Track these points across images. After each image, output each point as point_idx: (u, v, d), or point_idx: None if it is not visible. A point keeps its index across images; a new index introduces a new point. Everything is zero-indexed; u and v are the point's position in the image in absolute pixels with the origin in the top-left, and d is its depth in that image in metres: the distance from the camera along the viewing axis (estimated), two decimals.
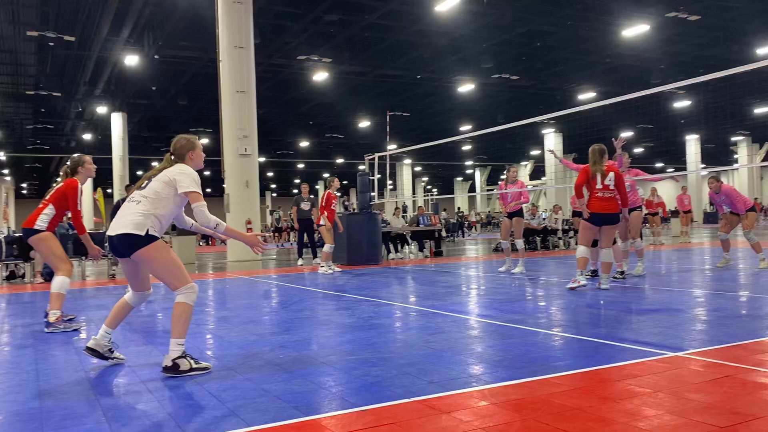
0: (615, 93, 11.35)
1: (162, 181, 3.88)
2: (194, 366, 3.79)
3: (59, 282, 5.69)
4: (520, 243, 10.60)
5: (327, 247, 11.48)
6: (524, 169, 50.10)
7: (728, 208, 10.18)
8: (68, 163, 6.09)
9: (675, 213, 24.40)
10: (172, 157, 4.05)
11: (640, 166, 56.49)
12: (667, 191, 38.87)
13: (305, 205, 13.94)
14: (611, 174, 7.53)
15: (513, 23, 19.60)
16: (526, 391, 3.17)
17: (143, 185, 3.95)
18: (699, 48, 22.56)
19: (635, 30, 19.58)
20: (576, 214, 10.33)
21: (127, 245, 3.79)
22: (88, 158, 6.09)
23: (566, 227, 18.67)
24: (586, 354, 4.01)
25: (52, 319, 5.64)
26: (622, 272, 8.75)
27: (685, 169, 42.69)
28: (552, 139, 39.39)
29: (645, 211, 17.11)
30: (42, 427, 2.84)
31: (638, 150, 48.40)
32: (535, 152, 46.18)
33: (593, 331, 4.81)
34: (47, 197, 5.94)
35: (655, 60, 23.84)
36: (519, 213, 10.53)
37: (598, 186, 7.49)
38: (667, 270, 10.30)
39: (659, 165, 56.21)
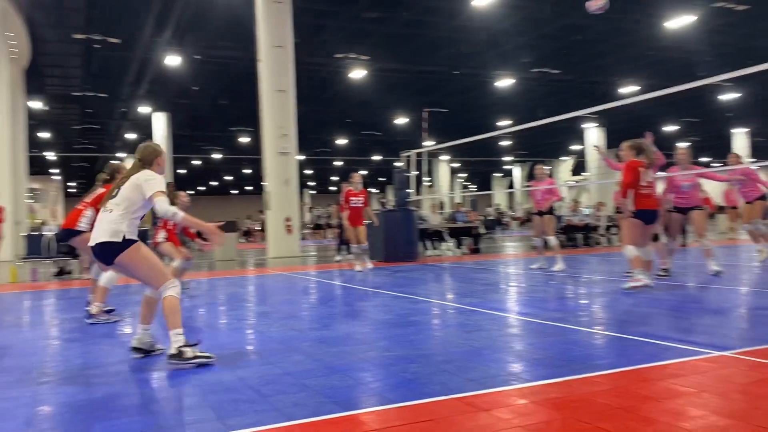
0: (659, 86, 11.07)
1: (131, 187, 4.15)
2: (198, 354, 3.97)
3: (107, 277, 5.88)
4: (553, 240, 10.41)
5: (355, 248, 10.90)
6: (565, 165, 49.34)
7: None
8: (107, 169, 6.30)
9: (721, 209, 23.70)
10: (140, 164, 4.30)
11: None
12: (713, 186, 37.77)
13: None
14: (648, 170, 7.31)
15: (552, 16, 19.30)
16: (567, 390, 3.13)
17: (114, 194, 4.20)
18: (747, 39, 21.85)
19: (680, 21, 19.06)
20: (620, 211, 10.02)
21: (108, 253, 4.07)
22: (124, 165, 6.30)
23: (609, 224, 18.33)
24: (628, 352, 3.93)
25: (93, 311, 5.87)
26: (666, 269, 8.54)
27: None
28: (594, 134, 38.66)
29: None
30: (90, 418, 2.93)
31: (683, 144, 47.15)
32: (576, 147, 45.43)
33: (636, 329, 4.72)
34: (88, 200, 6.21)
35: (701, 52, 23.16)
36: (550, 210, 10.43)
37: (643, 183, 7.25)
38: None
39: (705, 160, 54.72)
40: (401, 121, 34.31)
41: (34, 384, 3.65)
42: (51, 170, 51.51)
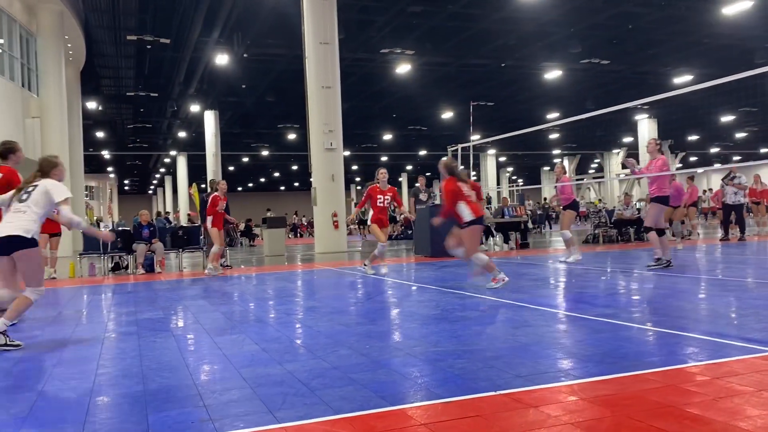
0: (714, 75, 10.72)
1: (41, 193, 4.80)
2: (8, 343, 4.64)
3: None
4: (566, 234, 10.80)
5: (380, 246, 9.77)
6: (617, 157, 48.22)
7: None
8: None
9: None
10: (39, 174, 4.96)
11: (743, 152, 52.86)
12: None
13: (423, 196, 14.16)
14: None
15: (603, 5, 18.88)
16: (618, 387, 3.07)
17: (23, 198, 4.79)
18: None
19: (736, 7, 18.37)
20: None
21: (13, 245, 4.62)
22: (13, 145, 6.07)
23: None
24: (682, 350, 3.83)
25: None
26: (659, 259, 8.91)
27: None
28: (646, 126, 37.65)
29: (746, 200, 16.02)
30: (145, 409, 3.02)
31: (741, 135, 45.51)
32: (627, 140, 44.35)
33: (691, 326, 4.59)
34: None
35: (759, 38, 22.28)
36: (572, 206, 10.88)
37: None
38: None
39: (764, 150, 52.64)
40: (447, 115, 34.13)
41: (93, 375, 3.78)
42: (106, 168, 53.17)
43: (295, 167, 54.87)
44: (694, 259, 10.82)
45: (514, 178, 67.95)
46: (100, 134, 36.68)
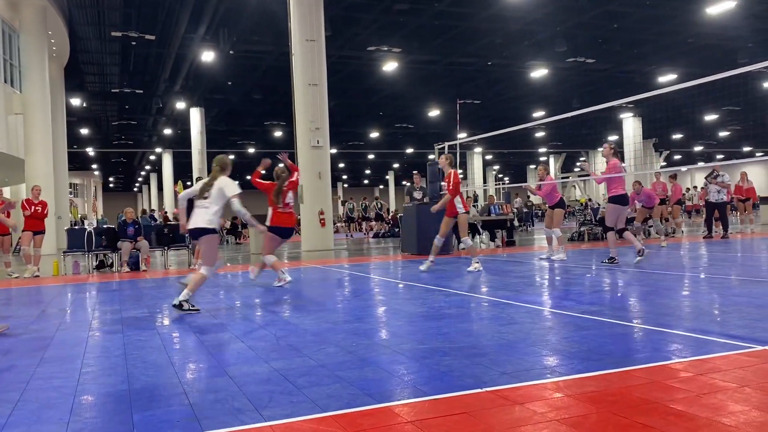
0: (698, 74, 10.81)
1: (218, 189, 6.11)
2: (190, 308, 5.84)
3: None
4: (557, 232, 11.07)
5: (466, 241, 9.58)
6: (601, 156, 48.53)
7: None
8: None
9: (765, 200, 23.06)
10: (219, 169, 6.27)
11: (726, 150, 53.38)
12: (757, 176, 36.68)
13: (417, 194, 14.08)
14: None
15: (588, 5, 18.97)
16: (603, 384, 3.09)
17: (206, 196, 6.11)
18: None
19: (720, 7, 18.54)
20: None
21: (200, 233, 6.05)
22: None
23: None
24: (666, 346, 3.86)
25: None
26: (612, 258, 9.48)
27: None
28: (631, 124, 37.94)
29: (728, 197, 16.20)
30: (130, 408, 3.00)
31: (724, 133, 45.98)
32: (612, 138, 44.65)
33: (674, 323, 4.63)
34: None
35: (743, 38, 22.52)
36: (559, 204, 11.17)
37: None
38: (756, 259, 9.78)
39: (747, 149, 53.22)
40: (434, 113, 34.17)
41: (77, 374, 3.75)
42: (91, 166, 52.67)
43: (282, 165, 54.62)
44: (677, 256, 10.93)
45: (500, 176, 68.18)
46: (84, 131, 36.31)
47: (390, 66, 23.97)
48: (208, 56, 21.80)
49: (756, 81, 28.47)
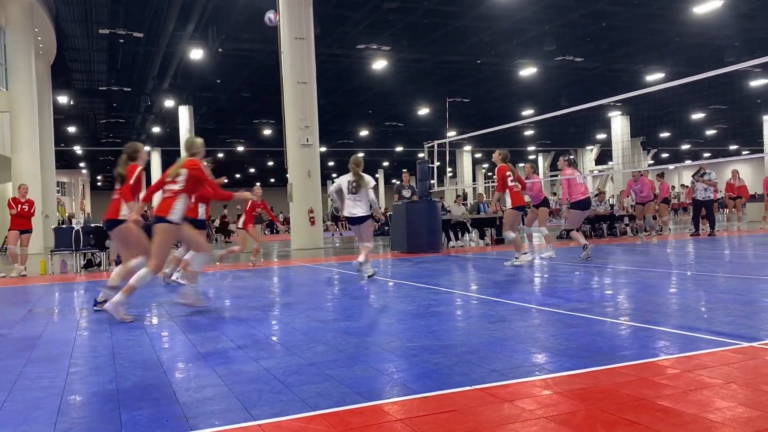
0: (685, 73, 10.89)
1: (366, 182, 7.92)
2: (370, 274, 7.54)
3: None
4: (543, 230, 11.36)
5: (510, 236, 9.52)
6: (590, 154, 48.77)
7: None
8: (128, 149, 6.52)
9: (754, 197, 23.21)
10: (357, 168, 8.03)
11: (713, 148, 53.75)
12: (744, 174, 37.00)
13: (406, 193, 14.07)
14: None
15: (576, 4, 19.06)
16: (591, 381, 3.11)
17: (353, 191, 7.96)
18: None
19: (707, 6, 18.68)
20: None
21: (360, 220, 8.03)
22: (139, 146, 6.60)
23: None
24: (654, 343, 3.89)
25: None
26: (585, 246, 9.97)
27: (762, 151, 40.67)
28: (619, 122, 38.16)
29: (716, 195, 16.35)
30: (118, 408, 2.99)
31: (711, 132, 46.33)
32: (600, 136, 44.90)
33: (662, 320, 4.67)
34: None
35: (729, 37, 22.70)
36: (544, 203, 11.53)
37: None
38: (742, 257, 9.87)
39: (733, 147, 53.67)
40: (423, 111, 34.19)
41: (64, 373, 3.73)
42: (79, 164, 52.25)
43: (271, 163, 54.52)
44: (665, 254, 11.00)
45: (489, 174, 68.33)
46: (71, 129, 36.02)
47: (379, 64, 23.96)
48: (196, 54, 21.69)
49: (742, 80, 28.71)
